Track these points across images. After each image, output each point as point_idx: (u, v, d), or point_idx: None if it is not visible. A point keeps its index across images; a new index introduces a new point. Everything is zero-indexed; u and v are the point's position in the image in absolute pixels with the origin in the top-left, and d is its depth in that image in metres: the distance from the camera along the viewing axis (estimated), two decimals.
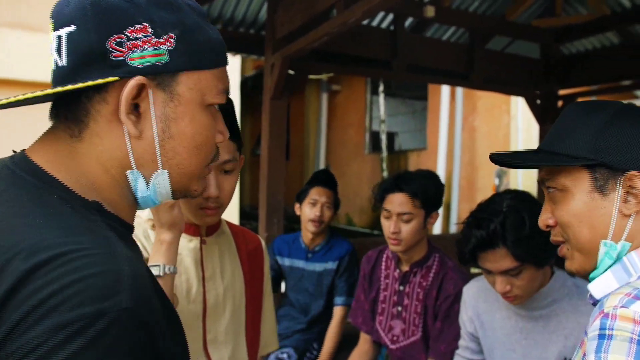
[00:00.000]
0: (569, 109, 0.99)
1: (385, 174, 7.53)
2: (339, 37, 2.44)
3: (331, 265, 2.66)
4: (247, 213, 9.55)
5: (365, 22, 3.18)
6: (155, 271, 1.10)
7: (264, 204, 3.11)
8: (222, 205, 1.25)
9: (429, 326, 1.96)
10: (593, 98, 6.05)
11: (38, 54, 5.51)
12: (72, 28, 0.65)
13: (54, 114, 0.70)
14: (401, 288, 2.05)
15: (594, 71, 3.67)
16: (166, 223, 1.13)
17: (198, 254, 1.28)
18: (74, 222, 0.61)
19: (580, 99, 3.91)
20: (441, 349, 1.87)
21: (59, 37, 0.66)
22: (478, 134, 6.33)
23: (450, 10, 3.40)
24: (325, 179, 2.75)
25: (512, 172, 5.85)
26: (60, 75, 0.67)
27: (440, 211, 2.08)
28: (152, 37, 0.66)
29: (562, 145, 0.95)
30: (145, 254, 1.20)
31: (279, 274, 2.78)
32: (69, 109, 0.68)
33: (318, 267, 2.67)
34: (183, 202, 1.21)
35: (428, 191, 1.94)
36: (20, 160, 0.67)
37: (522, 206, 1.45)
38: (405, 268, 2.04)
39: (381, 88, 7.45)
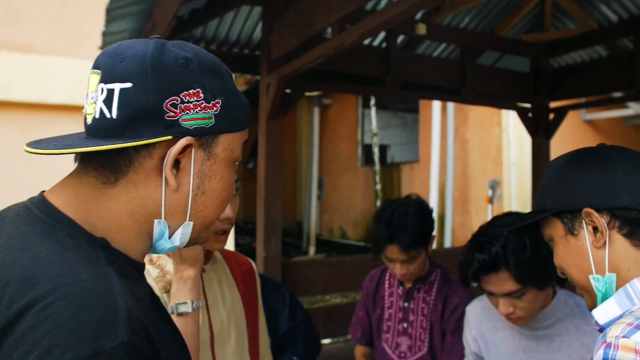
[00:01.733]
0: (545, 168, 1.11)
1: (378, 186, 7.55)
2: (333, 56, 2.46)
3: None
4: (241, 228, 9.51)
5: None
6: (184, 309, 1.14)
7: (262, 224, 3.10)
8: (231, 226, 1.28)
9: (435, 341, 1.97)
10: (583, 110, 6.15)
11: (32, 75, 5.49)
12: (128, 85, 0.68)
13: (86, 160, 0.73)
14: (406, 305, 2.06)
15: (584, 83, 3.73)
16: (189, 259, 1.16)
17: (200, 284, 1.29)
18: (74, 256, 0.64)
19: (571, 112, 3.96)
20: None
21: (110, 91, 0.69)
22: (470, 146, 6.38)
23: (441, 27, 3.45)
24: None
25: (506, 183, 5.89)
26: (108, 127, 0.69)
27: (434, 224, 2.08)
28: (203, 101, 0.72)
29: (538, 202, 1.09)
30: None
31: None
32: (107, 158, 0.71)
33: None
34: None
35: (423, 232, 1.88)
36: (38, 200, 0.72)
37: (524, 229, 1.47)
38: (409, 285, 2.06)
39: (372, 101, 7.50)
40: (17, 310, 0.58)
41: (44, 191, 0.75)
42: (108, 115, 0.69)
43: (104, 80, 0.69)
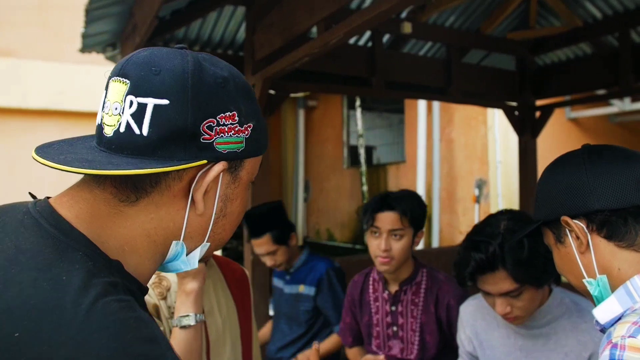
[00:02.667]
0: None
1: (364, 188, 7.53)
2: (318, 56, 2.43)
3: (307, 289, 2.54)
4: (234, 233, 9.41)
5: None
6: (187, 321, 1.14)
7: None
8: None
9: (428, 343, 1.95)
10: (568, 108, 6.19)
11: (13, 79, 5.37)
12: (164, 102, 0.64)
13: (102, 176, 0.66)
14: (393, 308, 2.03)
15: (569, 81, 3.75)
16: (192, 272, 1.16)
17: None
18: (97, 282, 0.59)
19: (556, 109, 3.97)
20: None
21: (142, 105, 0.64)
22: (456, 146, 6.39)
23: (426, 26, 3.44)
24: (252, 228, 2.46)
25: (492, 182, 5.90)
26: (135, 144, 0.64)
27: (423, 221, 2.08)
28: (237, 125, 0.69)
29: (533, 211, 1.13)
30: None
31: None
32: (130, 176, 0.65)
33: (294, 289, 2.57)
34: None
35: (415, 210, 1.96)
36: (45, 210, 0.65)
37: (520, 227, 1.44)
38: (395, 288, 2.03)
39: (358, 103, 7.49)
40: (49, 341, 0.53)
41: (48, 198, 0.68)
42: (137, 131, 0.64)
43: (135, 92, 0.64)
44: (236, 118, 0.68)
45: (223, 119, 0.67)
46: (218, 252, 2.42)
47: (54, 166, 0.61)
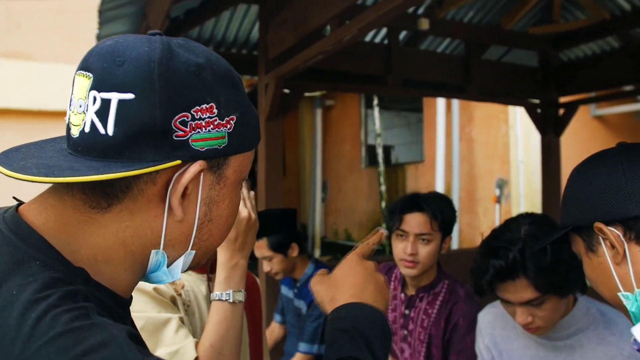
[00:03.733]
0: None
1: (382, 188, 7.44)
2: (333, 54, 2.37)
3: (311, 310, 2.40)
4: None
5: None
6: (239, 297, 1.12)
7: None
8: None
9: (434, 357, 1.87)
10: (593, 106, 6.01)
11: (32, 82, 5.44)
12: (129, 96, 0.56)
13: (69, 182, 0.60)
14: (406, 312, 1.97)
15: (595, 77, 3.61)
16: (251, 248, 1.15)
17: (207, 292, 1.28)
18: (50, 294, 0.54)
19: (581, 107, 3.84)
20: None
21: (106, 101, 0.57)
22: (476, 145, 6.27)
23: (444, 22, 3.34)
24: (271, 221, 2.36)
25: (514, 182, 5.77)
26: (101, 144, 0.57)
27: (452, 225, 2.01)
28: (216, 118, 0.61)
29: (560, 217, 1.03)
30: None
31: (283, 304, 2.68)
32: (98, 182, 0.58)
33: (299, 304, 2.49)
34: None
35: (445, 213, 1.87)
36: (11, 219, 0.60)
37: (542, 232, 1.36)
38: (411, 292, 1.96)
39: (375, 101, 7.40)
40: None
41: (20, 203, 0.63)
42: (102, 130, 0.57)
43: (97, 87, 0.57)
44: (215, 110, 0.60)
45: (199, 112, 0.59)
46: None
47: (7, 174, 0.55)
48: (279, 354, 2.81)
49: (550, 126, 3.84)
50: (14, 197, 0.65)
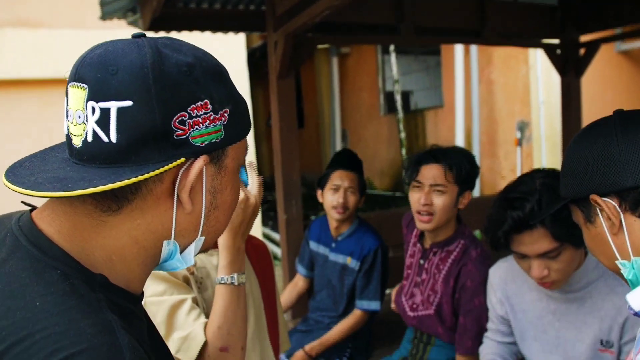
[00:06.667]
0: None
1: (402, 135, 7.37)
2: (342, 6, 2.30)
3: (353, 263, 2.42)
4: (268, 184, 9.54)
5: None
6: (243, 280, 1.17)
7: (281, 187, 3.05)
8: None
9: (444, 309, 1.92)
10: (617, 43, 5.74)
11: (41, 51, 5.44)
12: (127, 103, 0.59)
13: None
14: (421, 262, 2.02)
15: (618, 12, 3.41)
16: (246, 234, 1.17)
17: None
18: (73, 304, 0.57)
19: (603, 45, 3.68)
20: (468, 345, 1.84)
21: (105, 110, 0.59)
22: (496, 87, 6.11)
23: None
24: (347, 161, 2.47)
25: (535, 124, 5.66)
26: (106, 152, 0.60)
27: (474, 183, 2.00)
28: (211, 113, 0.64)
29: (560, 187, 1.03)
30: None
31: (310, 257, 2.66)
32: None
33: (341, 259, 2.48)
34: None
35: (463, 167, 1.87)
36: (25, 226, 0.63)
37: (557, 184, 1.36)
38: (427, 244, 2.00)
39: (392, 47, 7.21)
40: None
41: (32, 209, 0.66)
42: (105, 139, 0.59)
43: (94, 97, 0.59)
44: (209, 106, 0.63)
45: (195, 110, 0.62)
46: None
47: (24, 192, 0.58)
48: (303, 308, 2.89)
49: (571, 67, 3.71)
50: (22, 202, 0.68)
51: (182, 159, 0.62)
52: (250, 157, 1.31)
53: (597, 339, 1.46)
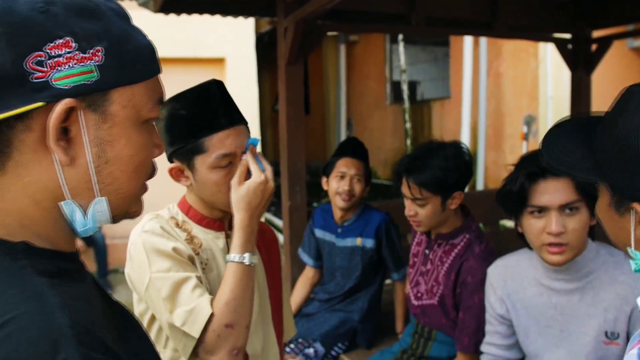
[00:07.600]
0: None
1: (408, 125, 7.36)
2: None
3: (366, 242, 2.45)
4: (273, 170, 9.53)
5: None
6: (254, 260, 1.20)
7: (285, 174, 3.05)
8: None
9: (446, 300, 1.93)
10: (631, 39, 5.68)
11: None
12: None
13: None
14: (427, 252, 2.04)
15: (631, 9, 3.38)
16: (260, 215, 1.21)
17: (225, 250, 1.31)
18: None
19: (616, 41, 3.64)
20: (465, 342, 1.84)
21: None
22: (504, 80, 6.08)
23: None
24: (354, 149, 2.48)
25: (542, 119, 5.63)
26: None
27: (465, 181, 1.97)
28: (77, 52, 0.59)
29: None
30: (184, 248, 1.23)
31: (317, 246, 2.68)
32: None
33: (349, 242, 2.50)
34: (228, 190, 1.23)
35: (439, 180, 1.80)
36: None
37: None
38: (432, 235, 2.02)
39: (400, 36, 7.17)
40: None
41: None
42: None
43: None
44: (73, 44, 0.58)
45: (54, 50, 0.57)
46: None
47: None
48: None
49: (582, 63, 3.68)
50: None
51: (40, 103, 0.57)
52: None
53: (602, 330, 1.46)
